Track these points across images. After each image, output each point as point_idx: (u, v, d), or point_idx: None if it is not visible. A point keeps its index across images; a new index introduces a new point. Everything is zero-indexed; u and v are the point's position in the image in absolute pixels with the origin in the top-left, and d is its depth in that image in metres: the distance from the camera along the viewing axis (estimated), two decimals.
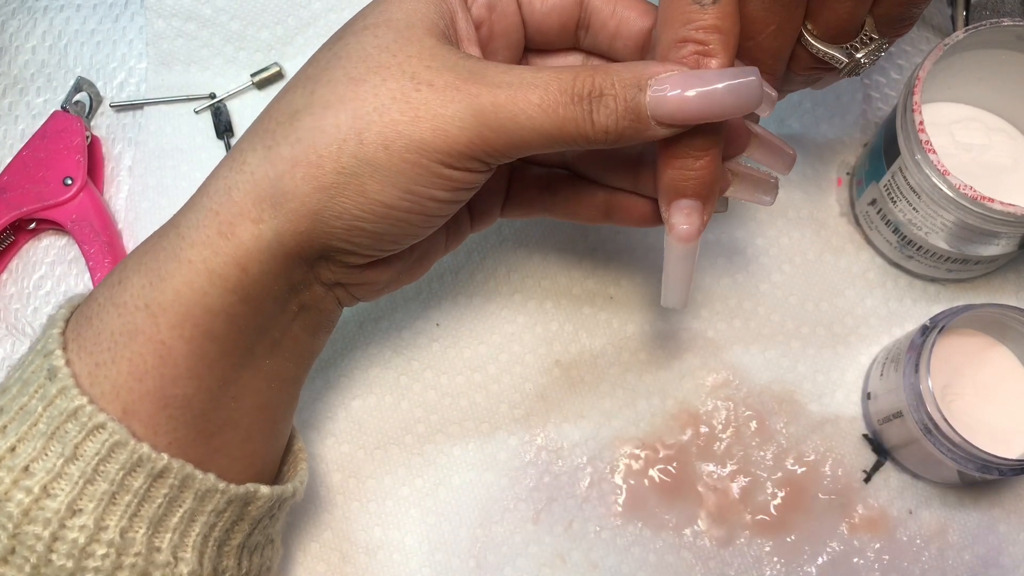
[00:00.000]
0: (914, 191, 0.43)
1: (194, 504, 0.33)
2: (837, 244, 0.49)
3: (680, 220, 0.34)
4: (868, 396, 0.46)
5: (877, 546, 0.45)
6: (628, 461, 0.46)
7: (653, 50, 0.34)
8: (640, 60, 0.37)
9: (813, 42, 0.35)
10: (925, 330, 0.41)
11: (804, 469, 0.46)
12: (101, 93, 0.53)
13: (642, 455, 0.46)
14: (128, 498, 0.31)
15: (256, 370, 0.35)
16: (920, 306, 0.48)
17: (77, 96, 0.53)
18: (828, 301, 0.48)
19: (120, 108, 0.53)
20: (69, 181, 0.50)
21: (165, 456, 0.31)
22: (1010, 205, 0.40)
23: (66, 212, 0.49)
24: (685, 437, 0.46)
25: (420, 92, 0.31)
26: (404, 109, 0.31)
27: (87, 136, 0.51)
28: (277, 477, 0.39)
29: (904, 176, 0.43)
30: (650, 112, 0.31)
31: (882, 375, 0.45)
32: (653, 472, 0.46)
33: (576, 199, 0.40)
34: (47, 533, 0.30)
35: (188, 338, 0.32)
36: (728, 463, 0.46)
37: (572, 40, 0.38)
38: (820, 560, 0.44)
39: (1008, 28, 0.42)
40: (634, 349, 0.48)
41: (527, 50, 0.39)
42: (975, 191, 0.40)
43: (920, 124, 0.41)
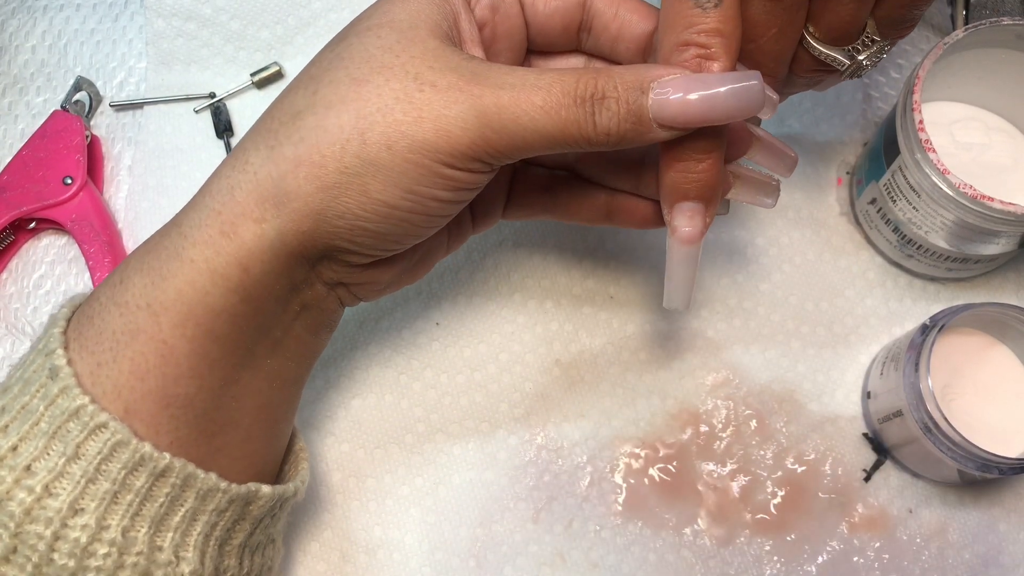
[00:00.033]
0: (914, 190, 0.43)
1: (196, 503, 0.33)
2: (837, 244, 0.49)
3: (682, 222, 0.34)
4: (868, 395, 0.46)
5: (877, 545, 0.45)
6: (628, 460, 0.46)
7: (655, 53, 0.34)
8: (642, 63, 0.37)
9: (815, 44, 0.35)
10: (925, 329, 0.41)
11: (804, 468, 0.46)
12: (101, 93, 0.53)
13: (642, 454, 0.46)
14: (130, 497, 0.31)
15: (258, 370, 0.35)
16: (920, 305, 0.48)
17: (77, 96, 0.53)
18: (828, 301, 0.48)
19: (120, 108, 0.53)
20: (69, 181, 0.50)
21: (167, 455, 0.31)
22: (1010, 204, 0.40)
23: (66, 212, 0.49)
24: (685, 436, 0.46)
25: (423, 93, 0.31)
26: (407, 109, 0.31)
27: (87, 136, 0.51)
28: (278, 477, 0.39)
29: (904, 175, 0.43)
30: (652, 115, 0.31)
31: (882, 374, 0.45)
32: (653, 471, 0.46)
33: (578, 200, 0.40)
34: (49, 532, 0.30)
35: (190, 337, 0.32)
36: (728, 462, 0.46)
37: (574, 42, 0.38)
38: (820, 559, 0.44)
39: (1008, 27, 0.42)
40: (634, 348, 0.48)
41: (529, 52, 0.39)
42: (975, 190, 0.40)
43: (920, 123, 0.41)
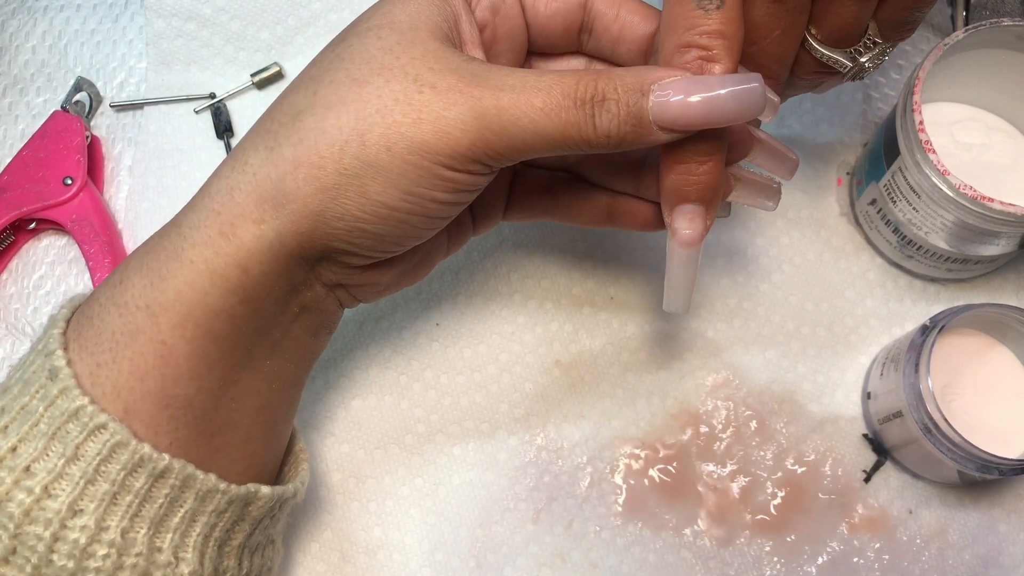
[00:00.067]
0: (914, 191, 0.43)
1: (195, 504, 0.33)
2: (837, 244, 0.49)
3: (683, 225, 0.34)
4: (868, 396, 0.46)
5: (877, 546, 0.45)
6: (628, 461, 0.46)
7: (656, 55, 0.34)
8: (643, 64, 0.37)
9: (817, 46, 0.35)
10: (925, 330, 0.41)
11: (804, 469, 0.46)
12: (101, 93, 0.53)
13: (642, 455, 0.46)
14: (129, 498, 0.31)
15: (257, 371, 0.35)
16: (920, 306, 0.48)
17: (77, 96, 0.53)
18: (828, 301, 0.48)
19: (120, 108, 0.53)
20: (69, 181, 0.50)
21: (166, 456, 0.31)
22: (1010, 205, 0.40)
23: (66, 212, 0.49)
24: (685, 437, 0.46)
25: (423, 94, 0.31)
26: (407, 111, 0.31)
27: (87, 136, 0.51)
28: (278, 477, 0.39)
29: (904, 176, 0.43)
30: (652, 117, 0.31)
31: (882, 375, 0.45)
32: (653, 472, 0.46)
33: (578, 203, 0.40)
34: (48, 533, 0.30)
35: (189, 338, 0.32)
36: (728, 463, 0.46)
37: (575, 44, 0.38)
38: (820, 560, 0.44)
39: (1008, 28, 0.42)
40: (634, 349, 0.48)
41: (530, 53, 0.39)
42: (975, 191, 0.40)
43: (920, 124, 0.41)
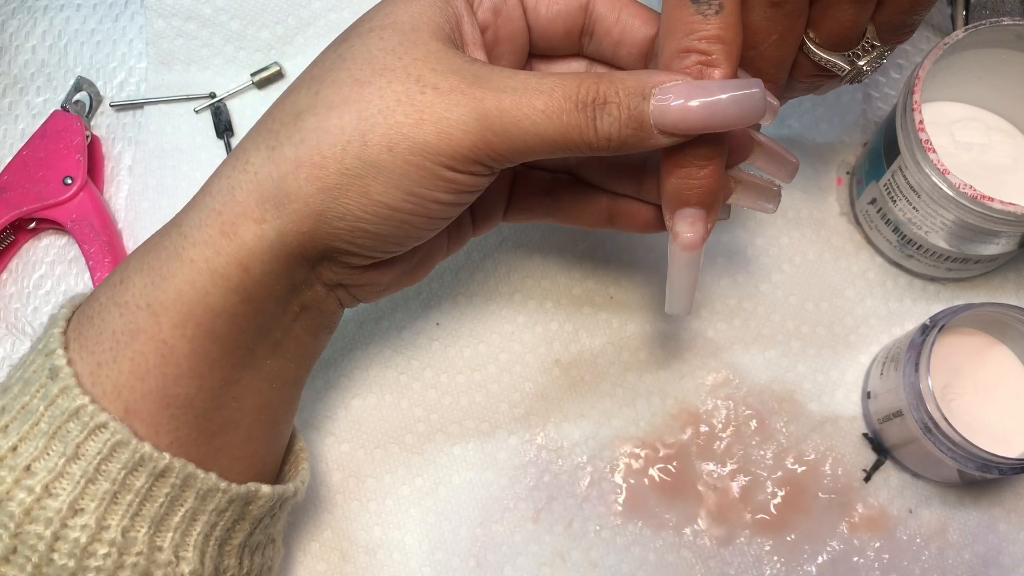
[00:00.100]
0: (914, 190, 0.43)
1: (196, 503, 0.33)
2: (837, 244, 0.49)
3: (684, 228, 0.34)
4: (868, 395, 0.46)
5: (877, 545, 0.45)
6: (628, 460, 0.46)
7: (656, 58, 0.34)
8: (644, 67, 0.37)
9: (815, 50, 0.35)
10: (925, 329, 0.41)
11: (804, 468, 0.46)
12: (101, 93, 0.53)
13: (642, 454, 0.46)
14: (130, 497, 0.31)
15: (257, 370, 0.35)
16: (920, 305, 0.48)
17: (77, 96, 0.53)
18: (828, 301, 0.48)
19: (120, 108, 0.53)
20: (69, 181, 0.50)
21: (167, 455, 0.31)
22: (1010, 204, 0.40)
23: (66, 212, 0.49)
24: (685, 436, 0.46)
25: (425, 95, 0.31)
26: (408, 112, 0.31)
27: (87, 136, 0.51)
28: (278, 477, 0.39)
29: (904, 175, 0.43)
30: (653, 121, 0.31)
31: (882, 374, 0.45)
32: (653, 471, 0.46)
33: (579, 204, 0.40)
34: (49, 532, 0.30)
35: (190, 337, 0.32)
36: (728, 462, 0.46)
37: (576, 46, 0.38)
38: (820, 559, 0.44)
39: (1008, 27, 0.42)
40: (634, 348, 0.48)
41: (531, 55, 0.39)
42: (975, 190, 0.40)
43: (920, 123, 0.41)
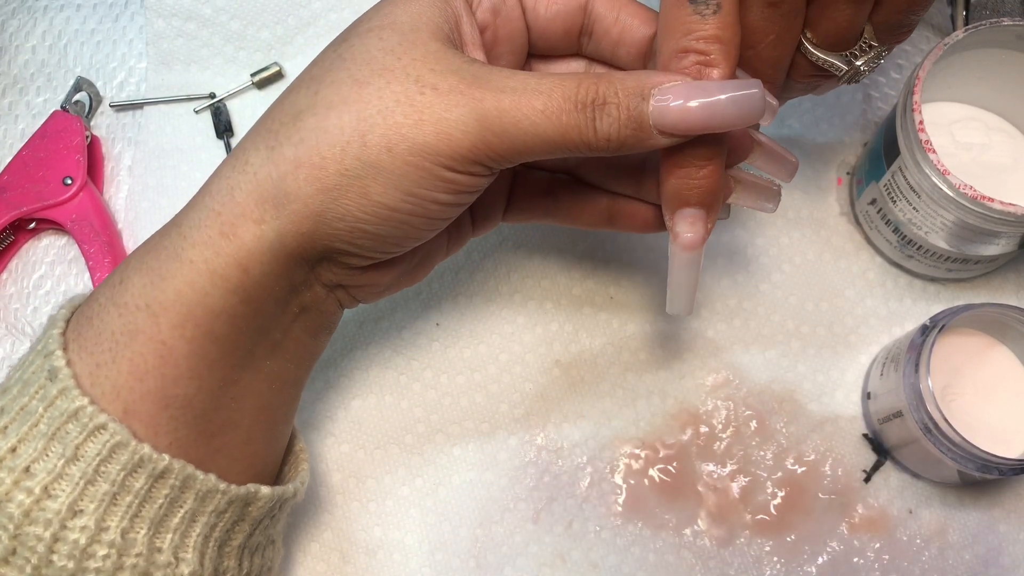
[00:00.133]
0: (914, 191, 0.43)
1: (195, 505, 0.33)
2: (837, 244, 0.49)
3: (684, 228, 0.34)
4: (868, 396, 0.46)
5: (877, 546, 0.45)
6: (628, 461, 0.46)
7: (655, 58, 0.34)
8: (643, 67, 0.37)
9: (813, 50, 0.35)
10: (925, 330, 0.41)
11: (804, 469, 0.46)
12: (101, 93, 0.53)
13: (642, 455, 0.46)
14: (129, 499, 0.31)
15: (257, 371, 0.35)
16: (920, 306, 0.48)
17: (77, 96, 0.53)
18: (828, 301, 0.48)
19: (120, 108, 0.53)
20: (69, 181, 0.50)
21: (166, 457, 0.31)
22: (1010, 205, 0.40)
23: (66, 212, 0.49)
24: (685, 437, 0.46)
25: (424, 95, 0.31)
26: (408, 112, 0.31)
27: (87, 136, 0.51)
28: (278, 477, 0.39)
29: (904, 176, 0.43)
30: (652, 122, 0.31)
31: (882, 375, 0.45)
32: (653, 472, 0.46)
33: (578, 205, 0.40)
34: (48, 534, 0.30)
35: (189, 338, 0.32)
36: (728, 463, 0.46)
37: (575, 46, 0.38)
38: (820, 560, 0.44)
39: (1008, 28, 0.42)
40: (634, 349, 0.48)
41: (530, 55, 0.39)
42: (975, 191, 0.40)
43: (920, 124, 0.41)
